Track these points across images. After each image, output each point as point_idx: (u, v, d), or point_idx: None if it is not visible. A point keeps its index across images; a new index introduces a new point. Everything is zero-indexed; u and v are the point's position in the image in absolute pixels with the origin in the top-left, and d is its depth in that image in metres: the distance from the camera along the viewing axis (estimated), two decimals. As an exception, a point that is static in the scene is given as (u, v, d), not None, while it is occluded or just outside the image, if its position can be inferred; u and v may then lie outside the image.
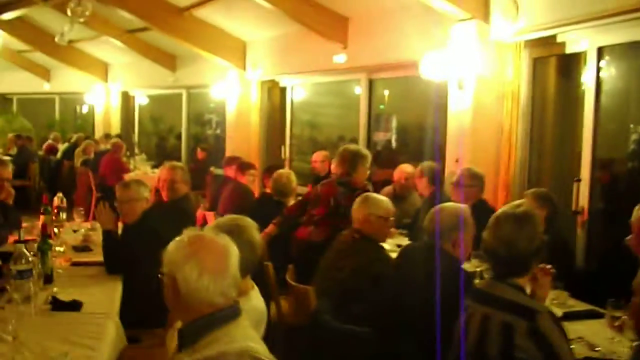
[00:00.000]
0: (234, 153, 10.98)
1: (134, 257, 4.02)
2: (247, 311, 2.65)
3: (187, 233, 2.27)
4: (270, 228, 5.68)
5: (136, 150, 14.37)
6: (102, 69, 15.32)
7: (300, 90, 10.99)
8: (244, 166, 6.95)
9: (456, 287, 2.98)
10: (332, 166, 6.29)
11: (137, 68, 14.15)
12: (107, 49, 13.99)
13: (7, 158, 12.72)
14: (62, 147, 13.90)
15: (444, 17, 6.38)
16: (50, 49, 14.14)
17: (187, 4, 9.94)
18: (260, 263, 3.64)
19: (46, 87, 17.00)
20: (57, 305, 3.39)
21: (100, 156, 11.11)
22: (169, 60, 13.16)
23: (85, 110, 16.87)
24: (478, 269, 4.15)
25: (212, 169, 11.11)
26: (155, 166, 12.51)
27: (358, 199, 4.40)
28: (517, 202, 3.02)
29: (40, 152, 14.39)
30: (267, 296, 4.45)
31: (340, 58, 8.61)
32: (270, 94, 11.19)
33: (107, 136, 13.74)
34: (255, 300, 2.83)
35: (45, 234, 3.95)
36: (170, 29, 10.54)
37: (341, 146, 6.10)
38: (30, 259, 3.31)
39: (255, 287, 2.92)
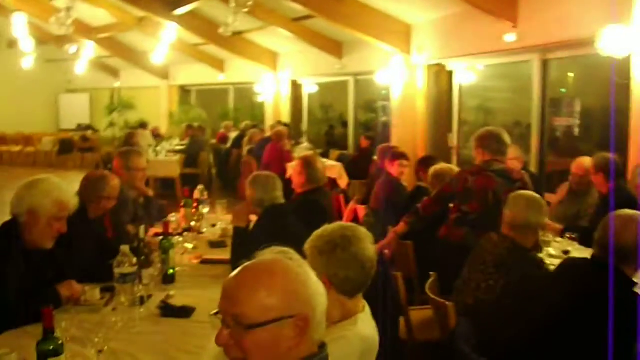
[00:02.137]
0: (400, 141, 10.56)
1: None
2: (349, 338, 2.22)
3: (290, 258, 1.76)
4: (400, 226, 4.98)
5: (302, 139, 14.34)
6: (272, 59, 15.45)
7: (468, 73, 10.35)
8: (393, 156, 6.44)
9: (632, 319, 2.32)
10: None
11: (305, 56, 14.10)
12: (276, 39, 14.07)
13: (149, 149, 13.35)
14: (232, 135, 14.20)
15: (629, -16, 5.52)
16: (222, 41, 14.43)
17: (348, -11, 9.64)
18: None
19: (221, 78, 17.49)
20: (167, 310, 3.14)
21: (264, 145, 11.11)
22: (335, 47, 12.95)
23: (261, 99, 17.17)
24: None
25: (375, 158, 10.74)
26: (322, 154, 12.38)
27: (520, 199, 3.65)
28: None
29: (213, 141, 14.83)
30: (397, 310, 4.01)
31: (510, 37, 7.87)
32: (437, 79, 10.59)
33: (276, 125, 13.82)
34: (361, 325, 2.33)
35: (168, 232, 3.75)
36: (333, 15, 10.31)
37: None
38: (134, 261, 3.09)
39: (367, 309, 2.44)
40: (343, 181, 10.45)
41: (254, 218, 4.25)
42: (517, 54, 8.43)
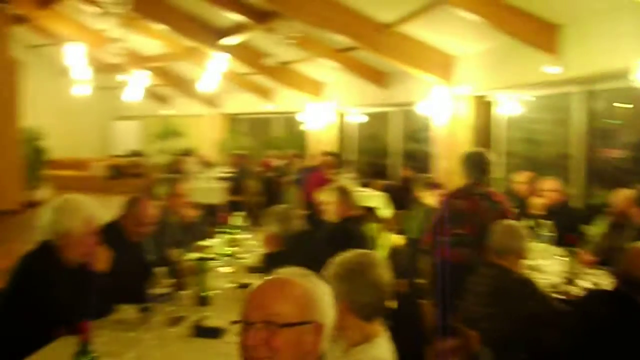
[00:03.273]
0: (443, 172, 10.60)
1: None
2: (364, 361, 2.30)
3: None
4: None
5: (347, 168, 14.44)
6: (318, 89, 15.65)
7: (512, 105, 10.37)
8: (430, 186, 6.53)
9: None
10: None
11: (350, 86, 14.27)
12: (322, 69, 14.28)
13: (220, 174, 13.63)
14: (277, 164, 14.40)
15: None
16: (269, 71, 14.78)
17: (391, 21, 9.78)
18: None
19: (268, 107, 17.77)
20: (199, 331, 3.26)
21: (308, 173, 11.25)
22: (379, 78, 13.10)
23: (306, 128, 17.39)
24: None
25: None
26: (365, 184, 12.46)
27: (501, 227, 3.82)
28: None
29: (259, 169, 15.04)
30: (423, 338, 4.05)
31: (552, 69, 7.89)
32: (479, 110, 10.64)
33: (324, 154, 13.95)
34: (378, 349, 2.41)
35: (205, 256, 3.89)
36: (376, 46, 10.43)
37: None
38: (169, 282, 3.24)
39: (385, 334, 2.53)
40: (386, 211, 10.51)
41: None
42: (560, 85, 8.44)
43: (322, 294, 1.92)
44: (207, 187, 12.61)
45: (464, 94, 10.36)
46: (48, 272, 3.18)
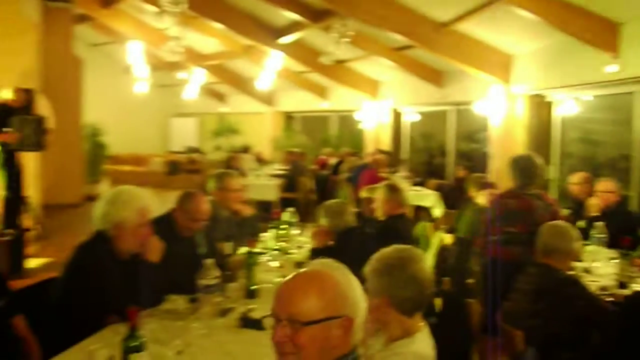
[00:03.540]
0: (498, 172, 10.49)
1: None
2: (404, 355, 2.34)
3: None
4: None
5: (401, 167, 14.40)
6: (373, 87, 15.65)
7: (570, 104, 10.18)
8: (480, 185, 6.49)
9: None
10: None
11: (406, 85, 14.23)
12: (377, 67, 14.29)
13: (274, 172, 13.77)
14: (332, 162, 14.47)
15: None
16: (325, 69, 14.85)
17: (447, 19, 9.73)
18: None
19: (323, 105, 17.84)
20: (245, 322, 3.34)
21: (360, 171, 11.29)
22: (435, 77, 13.03)
23: (361, 127, 17.43)
24: None
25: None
26: (418, 183, 12.41)
27: (548, 227, 3.82)
28: None
29: (314, 167, 15.13)
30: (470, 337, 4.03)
31: (611, 68, 7.73)
32: (536, 109, 10.48)
33: (376, 152, 13.96)
34: (418, 344, 2.44)
35: (254, 249, 3.97)
36: (433, 45, 10.40)
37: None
38: (217, 274, 3.32)
39: (425, 329, 2.55)
40: (438, 210, 10.47)
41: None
42: (619, 84, 8.26)
43: (352, 288, 1.92)
44: (261, 183, 12.77)
45: (520, 93, 10.22)
46: (101, 262, 3.30)
